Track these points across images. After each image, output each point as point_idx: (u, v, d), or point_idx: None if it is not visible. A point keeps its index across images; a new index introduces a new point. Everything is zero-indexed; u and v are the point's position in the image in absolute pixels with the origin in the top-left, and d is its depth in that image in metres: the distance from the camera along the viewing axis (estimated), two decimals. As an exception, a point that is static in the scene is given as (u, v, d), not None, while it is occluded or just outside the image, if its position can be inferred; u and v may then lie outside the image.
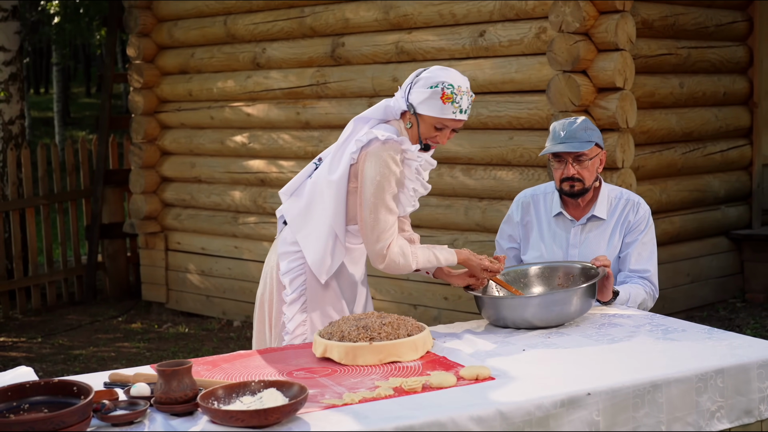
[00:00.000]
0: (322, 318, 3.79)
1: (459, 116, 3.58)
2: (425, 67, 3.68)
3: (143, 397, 2.83)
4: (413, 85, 3.62)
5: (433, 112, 3.57)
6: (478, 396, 2.81)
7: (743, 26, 7.76)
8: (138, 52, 9.32)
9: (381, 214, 3.59)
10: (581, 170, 4.08)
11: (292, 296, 3.78)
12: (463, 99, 3.57)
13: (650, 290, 4.13)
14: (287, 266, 3.79)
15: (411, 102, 3.61)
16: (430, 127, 3.60)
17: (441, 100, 3.54)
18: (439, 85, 3.55)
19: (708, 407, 3.01)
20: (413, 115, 3.62)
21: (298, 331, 3.77)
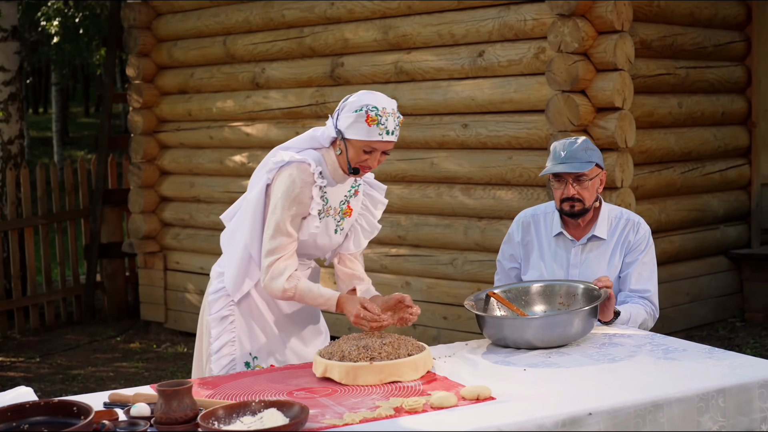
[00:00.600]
0: (251, 339, 3.80)
1: (386, 138, 3.55)
2: (353, 93, 3.66)
3: (143, 417, 2.82)
4: (341, 111, 3.61)
5: (359, 136, 3.54)
6: (479, 416, 2.80)
7: (741, 46, 7.79)
8: (137, 72, 9.33)
9: (275, 231, 3.60)
10: (581, 190, 4.08)
11: (216, 316, 3.80)
12: (389, 120, 3.54)
13: (651, 310, 4.13)
14: (214, 287, 3.85)
15: (339, 128, 3.60)
16: (359, 151, 3.57)
17: (366, 123, 3.52)
18: (363, 108, 3.53)
19: (709, 427, 3.00)
20: (342, 140, 3.60)
21: (224, 351, 3.79)
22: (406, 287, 7.46)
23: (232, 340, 3.79)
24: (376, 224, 3.89)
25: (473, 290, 6.99)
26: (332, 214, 3.74)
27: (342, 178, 3.71)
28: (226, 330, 3.80)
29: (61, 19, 17.73)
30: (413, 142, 7.35)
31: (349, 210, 3.80)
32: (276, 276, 3.59)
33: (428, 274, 7.38)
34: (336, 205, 3.74)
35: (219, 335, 3.80)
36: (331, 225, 3.75)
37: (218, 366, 3.79)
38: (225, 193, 8.75)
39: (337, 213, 3.76)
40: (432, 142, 7.25)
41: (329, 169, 3.68)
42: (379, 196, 3.89)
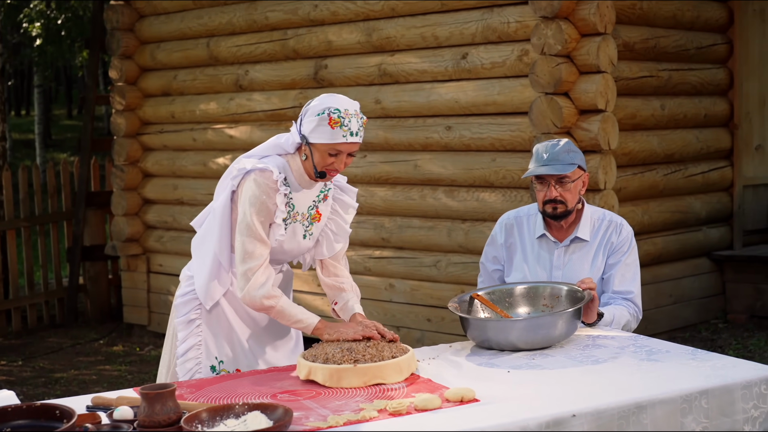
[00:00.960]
0: (217, 344, 3.79)
1: (351, 139, 3.52)
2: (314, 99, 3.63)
3: (126, 421, 2.81)
4: (304, 116, 3.59)
5: (323, 139, 3.51)
6: (463, 418, 2.80)
7: (723, 49, 7.82)
8: (120, 74, 9.31)
9: (249, 235, 3.57)
10: (564, 192, 4.09)
11: (183, 320, 3.79)
12: (352, 121, 3.52)
13: (634, 311, 4.14)
14: (183, 290, 3.83)
15: (303, 133, 3.58)
16: (325, 155, 3.54)
17: (329, 126, 3.49)
18: (325, 111, 3.50)
19: (693, 428, 3.00)
20: (306, 145, 3.58)
21: (190, 354, 3.77)
22: (390, 289, 7.46)
23: (198, 344, 3.78)
24: (347, 228, 3.86)
25: (457, 292, 7.00)
26: (300, 219, 3.71)
27: (309, 183, 3.69)
28: (192, 333, 3.78)
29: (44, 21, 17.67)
30: (397, 144, 7.35)
31: (318, 215, 3.77)
32: (257, 287, 3.56)
33: (412, 276, 7.38)
34: (304, 211, 3.72)
35: (185, 338, 3.78)
36: (299, 230, 3.73)
37: (183, 369, 3.77)
38: (208, 196, 8.71)
39: (306, 218, 3.73)
40: (415, 144, 7.25)
41: (295, 175, 3.66)
42: (350, 201, 3.86)
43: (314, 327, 3.57)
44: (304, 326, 3.59)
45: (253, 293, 3.56)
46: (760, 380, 3.14)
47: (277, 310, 3.58)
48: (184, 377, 3.74)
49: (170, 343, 3.88)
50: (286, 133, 3.71)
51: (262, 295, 3.55)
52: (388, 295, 7.48)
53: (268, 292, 3.56)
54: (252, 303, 3.59)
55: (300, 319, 3.59)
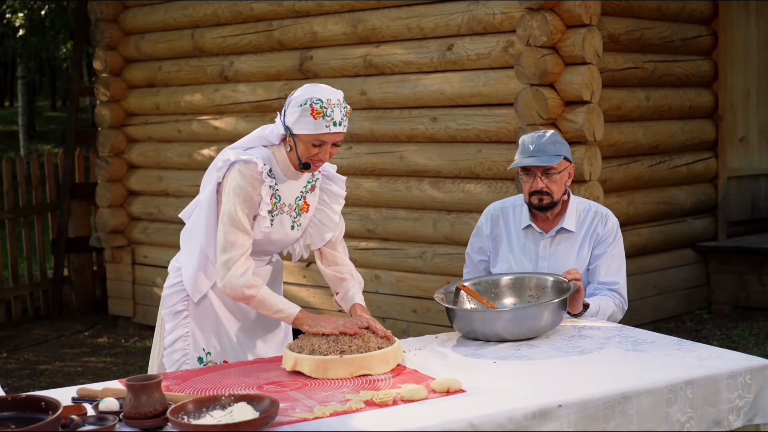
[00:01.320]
0: (205, 335, 3.78)
1: (334, 129, 3.51)
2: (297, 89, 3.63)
3: (112, 412, 2.80)
4: (287, 107, 3.58)
5: (307, 130, 3.50)
6: (449, 409, 2.80)
7: (708, 40, 7.84)
8: (105, 65, 9.27)
9: (231, 225, 3.56)
10: (550, 184, 4.09)
11: (170, 311, 3.78)
12: (335, 111, 3.50)
13: (619, 302, 4.15)
14: (171, 281, 3.82)
15: (287, 124, 3.56)
16: (309, 145, 3.53)
17: (312, 116, 3.48)
18: (307, 102, 3.49)
19: (678, 418, 3.02)
20: (290, 136, 3.56)
21: (177, 345, 3.76)
22: (376, 280, 7.46)
23: (186, 335, 3.77)
24: (335, 219, 3.84)
25: (442, 283, 7.00)
26: (287, 210, 3.70)
27: (294, 174, 3.67)
28: (179, 325, 3.78)
29: (27, 12, 17.57)
30: (382, 136, 7.35)
31: (305, 206, 3.76)
32: (237, 276, 3.54)
33: (397, 268, 7.39)
34: (291, 202, 3.70)
35: (172, 330, 3.78)
36: (286, 222, 3.71)
37: (170, 360, 3.76)
38: (193, 187, 8.71)
39: (293, 209, 3.72)
40: (401, 135, 7.25)
41: (280, 167, 3.64)
42: (339, 190, 3.84)
43: (294, 317, 3.55)
44: (285, 316, 3.57)
45: (233, 282, 3.54)
46: (745, 370, 3.16)
47: (258, 300, 3.56)
48: (171, 368, 3.73)
49: (159, 334, 3.88)
50: (270, 124, 3.70)
51: (242, 284, 3.53)
52: (374, 287, 7.48)
53: (248, 281, 3.54)
54: (232, 292, 3.56)
55: (280, 309, 3.57)
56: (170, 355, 3.77)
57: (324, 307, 7.60)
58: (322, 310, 7.53)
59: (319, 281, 7.67)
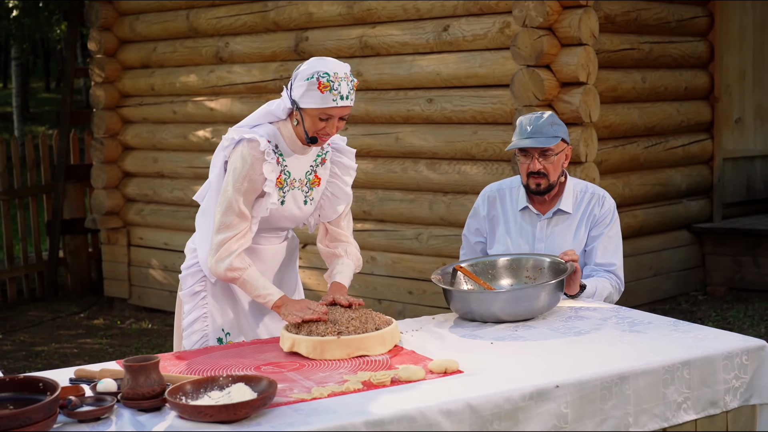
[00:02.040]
0: (223, 316, 3.77)
1: (341, 103, 3.48)
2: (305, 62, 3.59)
3: (110, 393, 2.80)
4: (293, 81, 3.56)
5: (314, 104, 3.48)
6: (447, 389, 2.81)
7: (704, 22, 7.83)
8: (99, 46, 9.24)
9: (227, 208, 3.56)
10: (547, 165, 4.08)
11: (188, 292, 3.77)
12: (342, 85, 3.48)
13: (616, 284, 4.15)
14: (188, 263, 3.81)
15: (294, 98, 3.54)
16: (315, 119, 3.51)
17: (319, 90, 3.45)
18: (314, 76, 3.46)
19: (675, 399, 3.03)
20: (297, 110, 3.55)
21: (196, 326, 3.75)
22: (371, 262, 7.46)
23: (204, 316, 3.76)
24: (347, 191, 3.83)
25: (438, 265, 7.01)
26: (298, 186, 3.69)
27: (302, 149, 3.66)
28: (197, 306, 3.76)
29: (21, -7, 17.50)
30: (378, 117, 7.34)
31: (317, 179, 3.74)
32: (223, 257, 3.54)
33: (393, 249, 7.39)
34: (301, 176, 3.69)
35: (191, 311, 3.77)
36: (299, 197, 3.70)
37: (190, 342, 3.75)
38: (189, 169, 8.70)
39: (304, 184, 3.71)
40: (397, 116, 7.24)
41: (287, 142, 3.63)
42: (350, 162, 3.82)
43: (273, 303, 3.54)
44: (265, 301, 3.56)
45: (217, 265, 3.55)
46: (741, 351, 3.17)
47: (242, 281, 3.56)
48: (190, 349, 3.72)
49: (178, 316, 3.87)
50: (277, 99, 3.68)
51: (225, 267, 3.53)
52: (370, 268, 7.48)
53: (230, 265, 3.53)
54: (216, 274, 3.58)
55: (261, 294, 3.56)
56: (189, 337, 3.76)
57: (320, 289, 7.60)
58: (318, 292, 7.54)
59: (315, 262, 7.67)
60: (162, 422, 2.63)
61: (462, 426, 2.70)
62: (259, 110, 3.69)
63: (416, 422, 2.65)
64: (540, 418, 2.81)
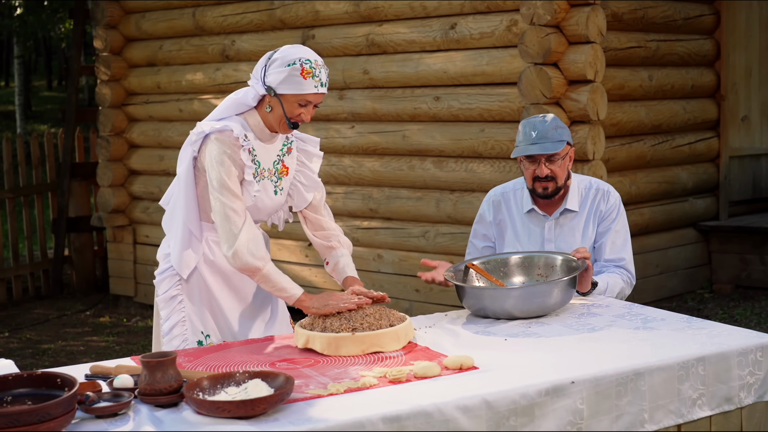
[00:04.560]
0: (201, 318, 3.73)
1: (320, 89, 3.50)
2: (276, 50, 3.58)
3: (127, 389, 2.81)
4: (268, 67, 3.52)
5: (294, 90, 3.47)
6: (462, 385, 2.81)
7: (710, 20, 7.83)
8: (105, 44, 9.24)
9: (224, 194, 3.52)
10: (554, 169, 4.07)
11: (164, 297, 3.73)
12: (322, 72, 3.50)
13: (627, 278, 4.16)
14: (161, 269, 3.76)
15: (269, 84, 3.51)
16: (294, 105, 3.51)
17: (301, 76, 3.45)
18: (297, 62, 3.46)
19: (690, 395, 3.03)
20: (274, 97, 3.52)
21: (175, 331, 3.71)
22: (378, 260, 7.47)
23: (182, 320, 3.71)
24: (315, 178, 3.82)
25: (446, 263, 7.01)
26: (267, 176, 3.66)
27: (270, 137, 3.64)
28: (175, 310, 3.72)
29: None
30: (385, 115, 7.34)
31: (284, 168, 3.73)
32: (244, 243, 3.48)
33: (400, 247, 7.39)
34: (270, 166, 3.67)
35: (169, 316, 3.72)
36: (269, 187, 3.68)
37: (171, 347, 3.70)
38: (195, 167, 8.69)
39: (273, 174, 3.69)
40: (404, 114, 7.24)
41: (255, 131, 3.61)
42: (314, 150, 3.83)
43: (297, 298, 3.53)
44: (287, 296, 3.55)
45: (242, 251, 3.49)
46: (756, 347, 3.17)
47: (263, 274, 3.53)
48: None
49: (157, 321, 3.84)
50: (242, 88, 3.64)
51: (254, 253, 3.49)
52: (377, 266, 7.48)
53: (257, 251, 3.50)
54: (240, 262, 3.50)
55: (284, 288, 3.54)
56: (170, 342, 3.71)
57: (326, 286, 7.61)
58: (324, 289, 7.54)
59: (321, 261, 7.66)
60: (180, 418, 2.64)
61: (478, 422, 2.71)
62: (226, 101, 3.66)
63: (433, 418, 2.66)
64: (556, 414, 2.82)
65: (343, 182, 7.61)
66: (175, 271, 3.72)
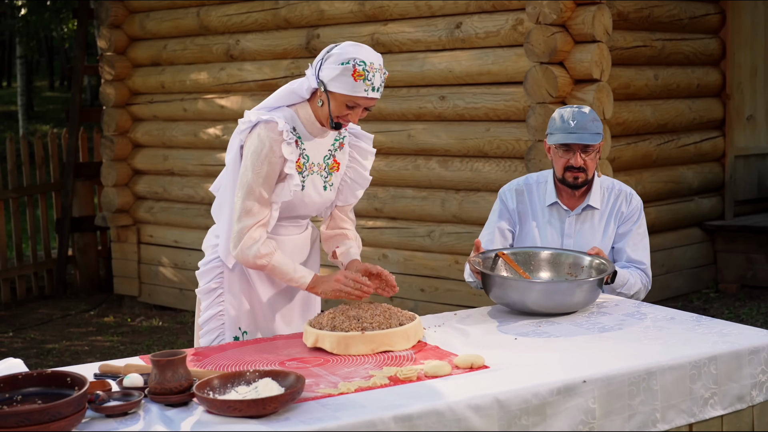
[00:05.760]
0: (239, 310, 3.69)
1: (371, 94, 3.40)
2: (337, 43, 3.51)
3: (137, 388, 2.79)
4: (324, 61, 3.45)
5: (344, 90, 3.39)
6: (474, 384, 2.80)
7: (716, 19, 7.81)
8: (109, 43, 9.23)
9: (247, 193, 3.49)
10: (588, 160, 4.05)
11: (204, 289, 3.71)
12: (375, 76, 3.40)
13: (646, 282, 4.15)
14: (205, 260, 3.74)
15: (322, 79, 3.44)
16: (342, 105, 3.43)
17: (352, 77, 3.37)
18: (350, 62, 3.37)
19: (702, 394, 3.02)
20: (324, 92, 3.46)
21: (212, 324, 3.69)
22: (383, 259, 7.45)
23: (220, 313, 3.69)
24: (366, 176, 3.77)
25: (450, 262, 7.02)
26: (317, 170, 3.62)
27: (320, 132, 3.59)
28: (214, 303, 3.70)
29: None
30: (390, 114, 7.33)
31: (336, 164, 3.68)
32: (247, 246, 3.48)
33: (405, 247, 7.38)
34: (320, 161, 3.62)
35: (207, 308, 3.71)
36: (318, 182, 3.63)
37: (206, 340, 3.69)
38: (199, 166, 8.70)
39: (323, 169, 3.64)
40: (409, 114, 7.23)
41: (305, 125, 3.56)
42: (367, 147, 3.77)
43: (308, 285, 3.53)
44: (299, 284, 3.54)
45: (245, 252, 3.48)
46: (767, 346, 3.16)
47: (271, 267, 3.52)
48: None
49: (197, 313, 3.82)
50: (299, 78, 3.59)
51: (253, 254, 3.48)
52: (382, 265, 7.42)
53: (257, 252, 3.48)
54: (244, 262, 3.52)
55: (293, 278, 3.54)
56: (206, 335, 3.70)
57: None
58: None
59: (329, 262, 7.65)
60: (190, 417, 2.62)
61: (490, 421, 2.70)
62: (281, 89, 3.61)
63: (445, 417, 2.64)
64: (568, 413, 2.80)
65: (348, 182, 7.59)
66: (217, 264, 3.70)
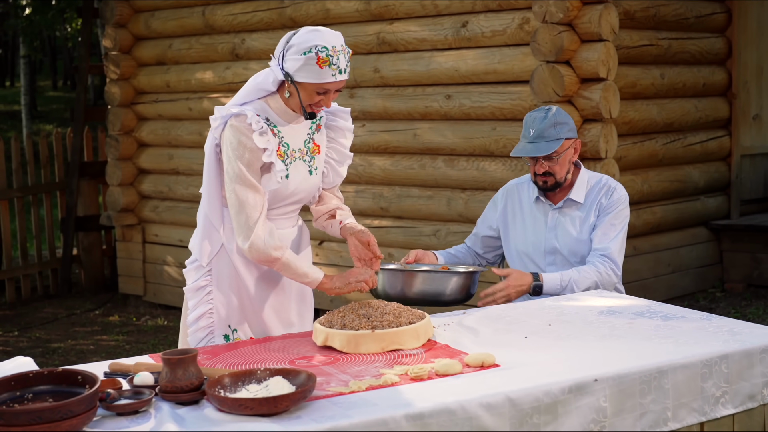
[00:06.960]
0: (228, 308, 3.66)
1: (339, 77, 3.39)
2: (295, 31, 3.48)
3: (147, 386, 2.79)
4: (286, 52, 3.43)
5: (311, 79, 3.37)
6: (485, 383, 2.79)
7: (722, 18, 7.80)
8: (114, 43, 9.23)
9: (237, 185, 3.46)
10: (552, 166, 4.25)
11: (192, 287, 3.68)
12: (340, 59, 3.37)
13: (605, 269, 4.17)
14: (191, 258, 3.72)
15: (287, 71, 3.42)
16: (312, 93, 3.42)
17: (318, 65, 3.34)
18: (312, 50, 3.34)
19: (713, 393, 3.01)
20: (291, 83, 3.44)
21: (201, 323, 3.66)
22: (389, 259, 7.45)
23: (210, 312, 3.65)
24: (347, 153, 3.77)
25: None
26: (299, 156, 3.59)
27: (294, 117, 3.56)
28: (202, 301, 3.66)
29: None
30: (396, 113, 7.32)
31: (316, 147, 3.66)
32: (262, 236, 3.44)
33: (411, 246, 7.36)
34: (300, 146, 3.60)
35: (195, 306, 3.67)
36: (302, 168, 3.61)
37: (195, 339, 3.65)
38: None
39: (305, 154, 3.62)
40: (415, 113, 7.22)
41: (278, 114, 3.53)
42: (345, 124, 3.75)
43: (320, 282, 3.53)
44: (310, 281, 3.54)
45: (259, 243, 3.45)
46: (779, 344, 3.15)
47: (283, 263, 3.49)
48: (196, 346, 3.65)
49: (184, 312, 3.79)
50: (264, 70, 3.57)
51: (270, 245, 3.45)
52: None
53: (274, 243, 3.46)
54: (258, 254, 3.47)
55: (305, 273, 3.52)
56: (195, 334, 3.66)
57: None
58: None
59: (333, 259, 7.66)
60: (201, 415, 2.62)
61: (502, 419, 2.69)
62: (247, 85, 3.59)
63: (456, 415, 2.63)
64: (579, 412, 2.80)
65: (353, 181, 7.59)
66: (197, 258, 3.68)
